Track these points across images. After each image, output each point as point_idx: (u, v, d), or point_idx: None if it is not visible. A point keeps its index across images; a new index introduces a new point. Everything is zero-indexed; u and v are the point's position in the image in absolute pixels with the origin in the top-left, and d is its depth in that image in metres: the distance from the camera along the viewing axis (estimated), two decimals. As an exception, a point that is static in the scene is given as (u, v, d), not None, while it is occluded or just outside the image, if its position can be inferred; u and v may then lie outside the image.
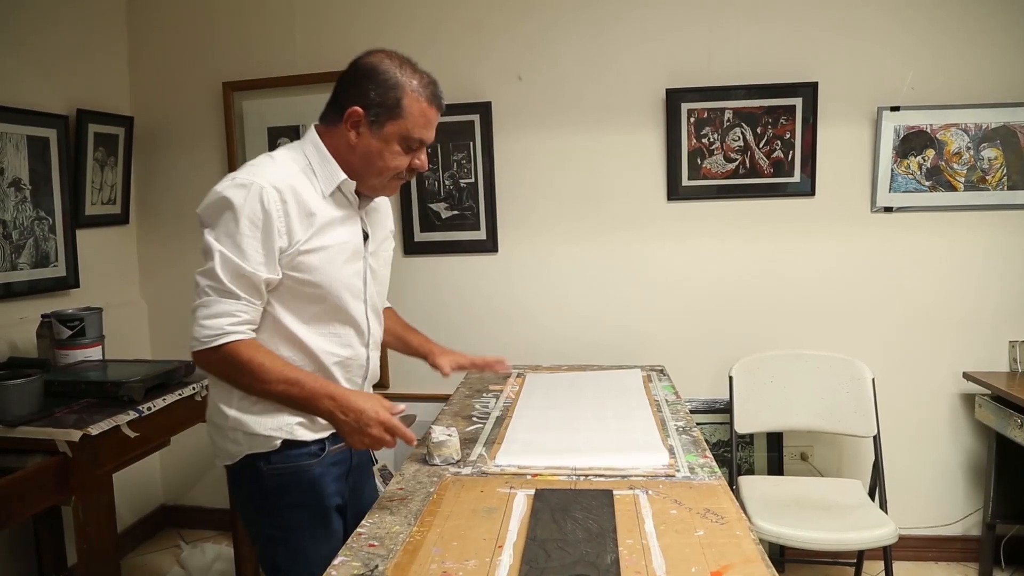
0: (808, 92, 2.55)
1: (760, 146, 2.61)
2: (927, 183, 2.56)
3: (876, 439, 2.42)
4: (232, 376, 1.35)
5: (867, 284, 2.64)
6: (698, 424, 1.86)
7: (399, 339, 1.77)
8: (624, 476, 1.45)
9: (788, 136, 2.59)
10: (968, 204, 2.56)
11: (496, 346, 2.76)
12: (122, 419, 1.94)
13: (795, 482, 2.49)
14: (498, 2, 2.70)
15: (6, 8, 2.39)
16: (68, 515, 2.26)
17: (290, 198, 1.34)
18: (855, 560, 2.51)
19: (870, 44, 2.54)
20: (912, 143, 2.55)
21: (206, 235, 1.34)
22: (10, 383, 1.86)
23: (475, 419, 1.88)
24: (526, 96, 2.72)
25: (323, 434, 1.45)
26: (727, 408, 2.57)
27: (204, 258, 1.34)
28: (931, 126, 2.53)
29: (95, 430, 1.84)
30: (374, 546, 1.19)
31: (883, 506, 2.32)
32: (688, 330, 2.74)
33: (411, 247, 2.84)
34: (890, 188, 2.58)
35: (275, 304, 1.38)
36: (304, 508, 1.44)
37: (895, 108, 2.53)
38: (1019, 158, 2.52)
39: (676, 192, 2.67)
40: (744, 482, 2.43)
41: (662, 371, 2.37)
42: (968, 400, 2.63)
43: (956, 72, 2.51)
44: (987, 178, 2.54)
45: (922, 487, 2.69)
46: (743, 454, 2.69)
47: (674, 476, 1.45)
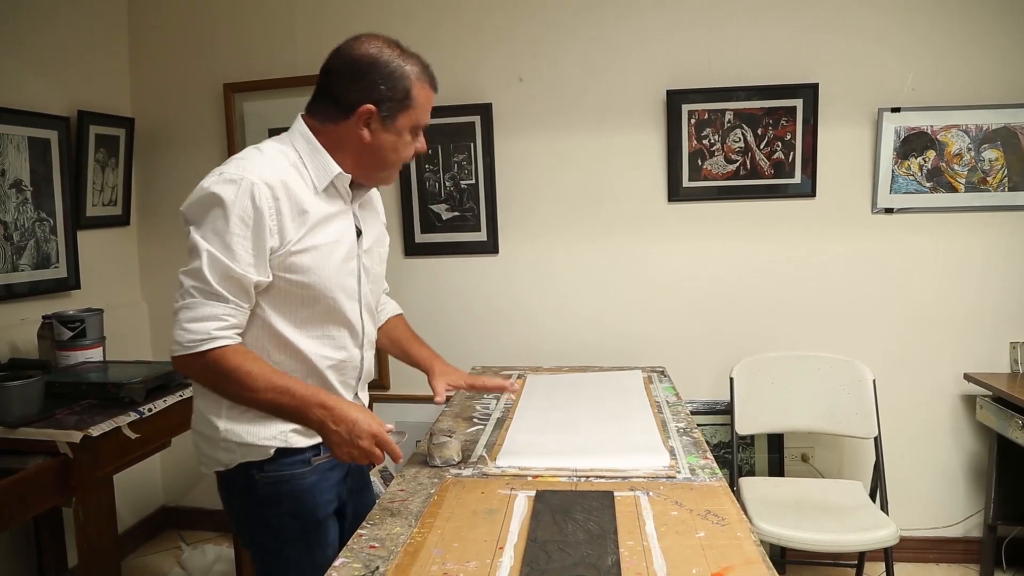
0: (809, 93, 2.55)
1: (761, 147, 2.61)
2: (928, 184, 2.56)
3: (877, 440, 2.42)
4: (217, 384, 1.28)
5: (868, 285, 2.64)
6: (699, 425, 1.86)
7: (403, 351, 1.70)
8: (625, 477, 1.45)
9: (789, 137, 2.59)
10: (969, 205, 2.56)
11: (496, 347, 2.77)
12: (123, 420, 1.94)
13: (796, 483, 2.49)
14: (499, 4, 2.70)
15: (7, 10, 2.40)
16: (69, 516, 2.27)
17: (282, 195, 1.27)
18: (856, 561, 2.51)
19: (871, 45, 2.54)
20: (913, 144, 2.55)
21: (192, 233, 1.27)
22: (11, 384, 1.86)
23: (476, 420, 1.88)
24: (527, 97, 2.72)
25: (318, 438, 1.37)
26: (728, 409, 2.57)
27: (189, 257, 1.26)
28: (932, 127, 2.53)
29: (96, 431, 1.84)
30: (375, 547, 1.18)
31: (884, 507, 2.32)
32: (689, 331, 2.74)
33: (412, 248, 2.84)
34: (891, 189, 2.58)
35: (265, 307, 1.32)
36: (298, 517, 1.39)
37: (896, 109, 2.53)
38: (1020, 159, 2.52)
39: (677, 193, 2.67)
40: (745, 483, 2.43)
41: (663, 372, 2.37)
42: (969, 401, 2.62)
43: (957, 73, 2.51)
44: (988, 179, 2.54)
45: (923, 488, 2.69)
46: (744, 455, 2.68)
47: (675, 477, 1.45)
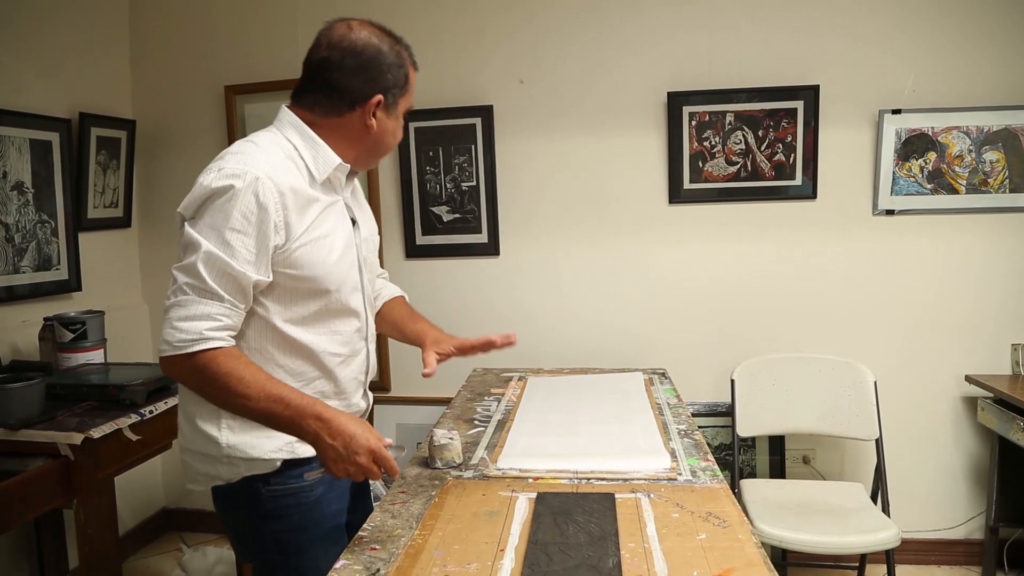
0: (809, 95, 2.55)
1: (761, 149, 2.61)
2: (929, 186, 2.56)
3: (878, 442, 2.42)
4: (206, 389, 1.19)
5: (869, 287, 2.64)
6: (700, 427, 1.86)
7: (400, 331, 1.65)
8: (626, 479, 1.44)
9: (789, 139, 2.59)
10: (970, 207, 2.55)
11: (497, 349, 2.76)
12: (124, 422, 1.94)
13: (797, 485, 2.49)
14: (500, 6, 2.71)
15: (9, 13, 2.40)
16: (70, 518, 2.26)
17: (287, 188, 1.22)
18: (857, 563, 2.50)
19: (871, 47, 2.54)
20: (914, 146, 2.54)
21: (187, 228, 1.21)
22: (12, 386, 1.86)
23: (477, 422, 1.88)
24: (528, 99, 2.73)
25: None
26: (729, 411, 2.56)
27: (184, 253, 1.20)
28: (932, 129, 2.53)
29: (97, 433, 1.84)
30: (375, 550, 1.18)
31: (885, 509, 2.31)
32: (690, 333, 2.73)
33: (412, 250, 2.84)
34: (892, 191, 2.58)
35: (268, 306, 1.26)
36: (306, 530, 1.34)
37: (896, 111, 2.53)
38: (1021, 161, 2.51)
39: (678, 195, 2.67)
40: (746, 485, 2.43)
41: (664, 374, 2.36)
42: (970, 403, 2.62)
43: (957, 75, 2.51)
44: (989, 181, 2.54)
45: (924, 490, 2.68)
46: (745, 457, 2.68)
47: (676, 479, 1.44)
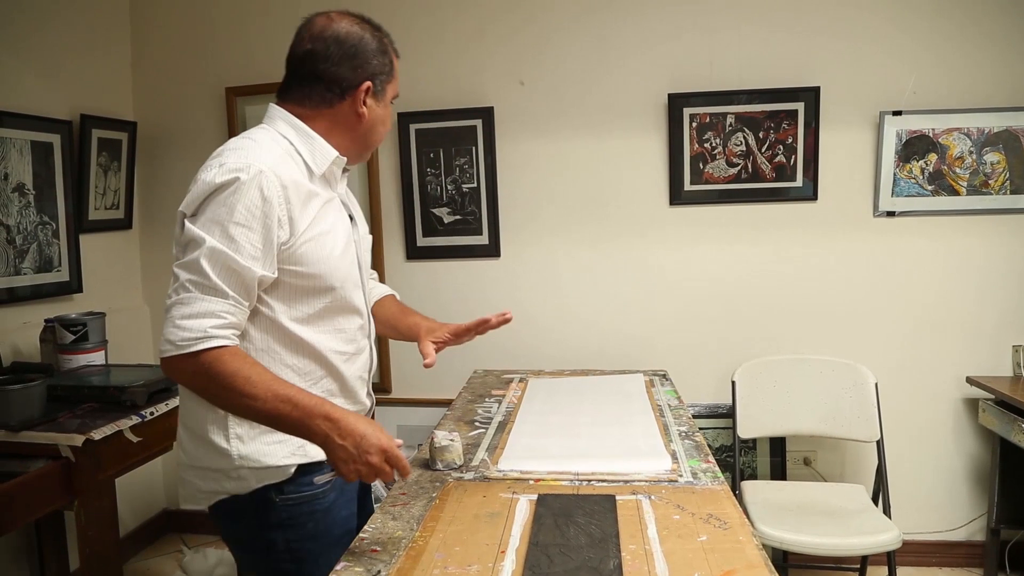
0: (810, 96, 2.55)
1: (762, 150, 2.61)
2: (930, 187, 2.56)
3: (879, 444, 2.42)
4: (210, 389, 1.15)
5: (870, 288, 2.64)
6: (701, 429, 1.86)
7: (394, 328, 1.62)
8: (627, 481, 1.44)
9: (790, 140, 2.59)
10: (971, 208, 2.55)
11: (498, 351, 2.75)
12: (125, 424, 1.94)
13: (798, 487, 2.49)
14: (501, 8, 2.71)
15: (11, 15, 2.41)
16: (71, 519, 2.26)
17: (289, 182, 1.20)
18: (859, 565, 2.50)
19: (872, 48, 2.54)
20: (914, 147, 2.54)
21: (188, 224, 1.16)
22: (13, 388, 1.87)
23: (478, 424, 1.88)
24: (528, 101, 2.73)
25: None
26: (730, 413, 2.56)
27: (186, 251, 1.16)
28: (933, 130, 2.53)
29: (98, 435, 1.84)
30: (376, 551, 1.18)
31: (886, 511, 2.31)
32: (690, 334, 2.73)
33: (413, 252, 2.84)
34: (892, 192, 2.58)
35: (273, 304, 1.24)
36: (319, 538, 1.30)
37: (897, 112, 2.53)
38: (1022, 162, 2.51)
39: (678, 197, 2.67)
40: (747, 487, 2.43)
41: (664, 376, 2.36)
42: (972, 405, 2.62)
43: (958, 76, 2.51)
44: (990, 182, 2.54)
45: (926, 492, 2.68)
46: (746, 459, 2.68)
47: (677, 481, 1.44)
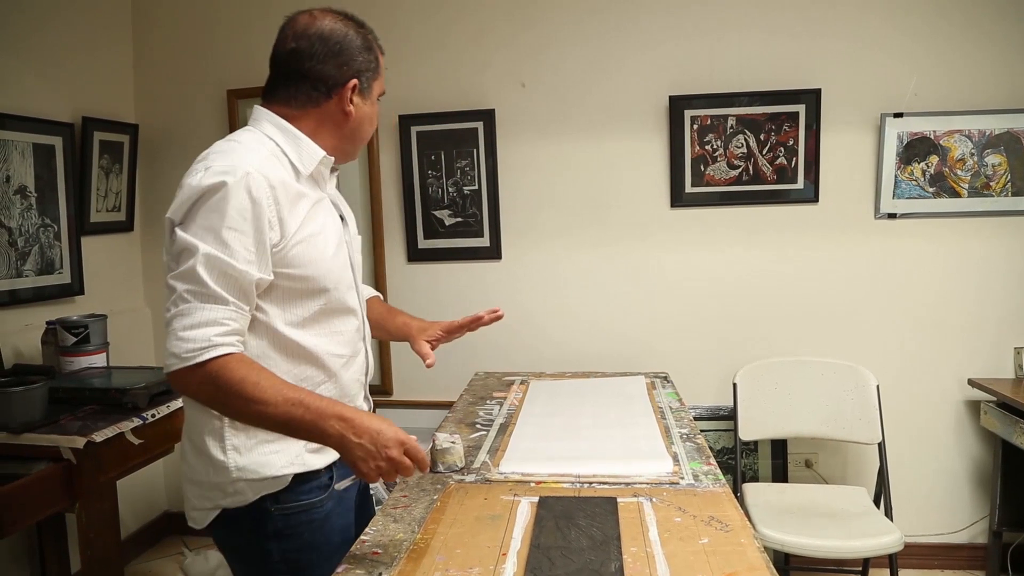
0: (811, 99, 2.55)
1: (763, 153, 2.61)
2: (931, 189, 2.56)
3: (881, 446, 2.41)
4: (219, 398, 1.12)
5: (871, 290, 2.64)
6: (702, 431, 1.86)
7: (384, 328, 1.62)
8: (628, 483, 1.44)
9: (791, 143, 2.59)
10: (972, 210, 2.55)
11: (499, 353, 2.76)
12: (126, 426, 1.94)
13: (800, 489, 2.48)
14: (502, 10, 2.71)
15: (12, 18, 2.41)
16: (72, 522, 2.26)
17: (277, 183, 1.18)
18: (860, 568, 2.50)
19: (873, 51, 2.54)
20: (916, 149, 2.54)
21: (179, 233, 1.13)
22: (15, 390, 1.87)
23: (479, 426, 1.88)
24: (529, 103, 2.73)
25: (334, 457, 1.27)
26: (731, 415, 2.56)
27: (179, 261, 1.12)
28: (934, 132, 2.53)
29: (99, 437, 1.84)
30: (377, 554, 1.18)
31: (888, 513, 2.31)
32: (692, 337, 2.73)
33: (414, 254, 2.84)
34: (894, 194, 2.58)
35: (267, 309, 1.21)
36: (317, 548, 1.29)
37: (898, 114, 2.53)
38: (1023, 164, 2.51)
39: (679, 199, 2.67)
40: (748, 489, 2.43)
41: (666, 378, 2.36)
42: (973, 407, 2.62)
43: (959, 78, 2.51)
44: (991, 184, 2.53)
45: (927, 494, 2.68)
46: (747, 461, 2.68)
47: (678, 483, 1.44)
